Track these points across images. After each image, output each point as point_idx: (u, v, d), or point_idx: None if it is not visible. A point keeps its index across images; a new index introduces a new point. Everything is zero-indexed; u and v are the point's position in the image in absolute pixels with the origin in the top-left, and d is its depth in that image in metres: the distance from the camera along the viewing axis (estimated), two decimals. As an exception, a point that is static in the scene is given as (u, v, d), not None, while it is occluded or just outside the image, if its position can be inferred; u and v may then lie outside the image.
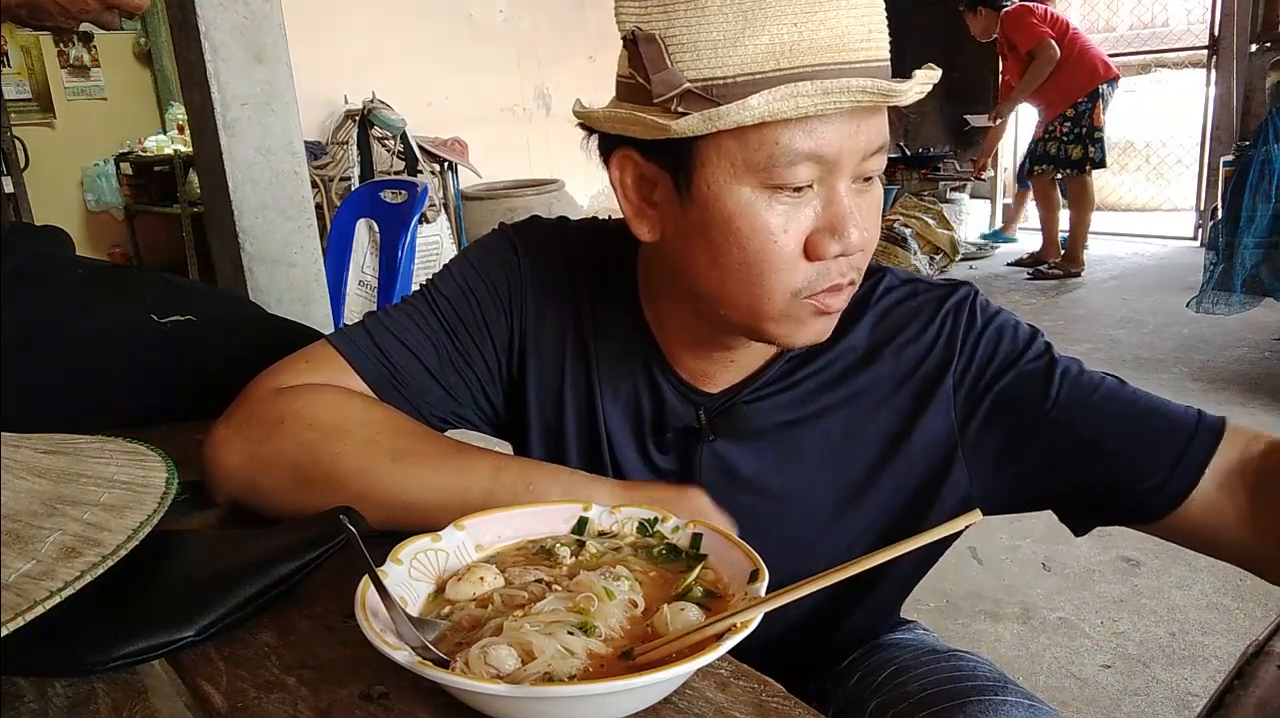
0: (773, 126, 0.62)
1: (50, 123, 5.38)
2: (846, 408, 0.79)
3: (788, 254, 0.66)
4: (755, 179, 0.64)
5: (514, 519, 0.66)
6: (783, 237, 0.65)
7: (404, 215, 2.39)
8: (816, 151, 0.63)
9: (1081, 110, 4.98)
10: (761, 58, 0.60)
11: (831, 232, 0.65)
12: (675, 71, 0.62)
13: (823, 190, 0.65)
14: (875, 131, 0.65)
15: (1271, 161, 3.27)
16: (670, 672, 0.46)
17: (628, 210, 0.73)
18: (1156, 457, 0.72)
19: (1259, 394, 3.30)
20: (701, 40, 0.61)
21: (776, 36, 0.60)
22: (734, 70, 0.61)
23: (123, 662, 0.55)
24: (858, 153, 0.64)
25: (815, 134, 0.62)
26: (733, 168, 0.64)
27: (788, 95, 0.59)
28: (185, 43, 2.03)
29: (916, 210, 5.61)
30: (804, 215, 0.66)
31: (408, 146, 4.27)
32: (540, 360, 0.83)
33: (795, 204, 0.65)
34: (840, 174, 0.65)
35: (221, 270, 2.23)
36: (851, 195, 0.66)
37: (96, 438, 0.70)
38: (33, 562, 0.53)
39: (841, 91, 0.59)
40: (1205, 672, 1.85)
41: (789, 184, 0.64)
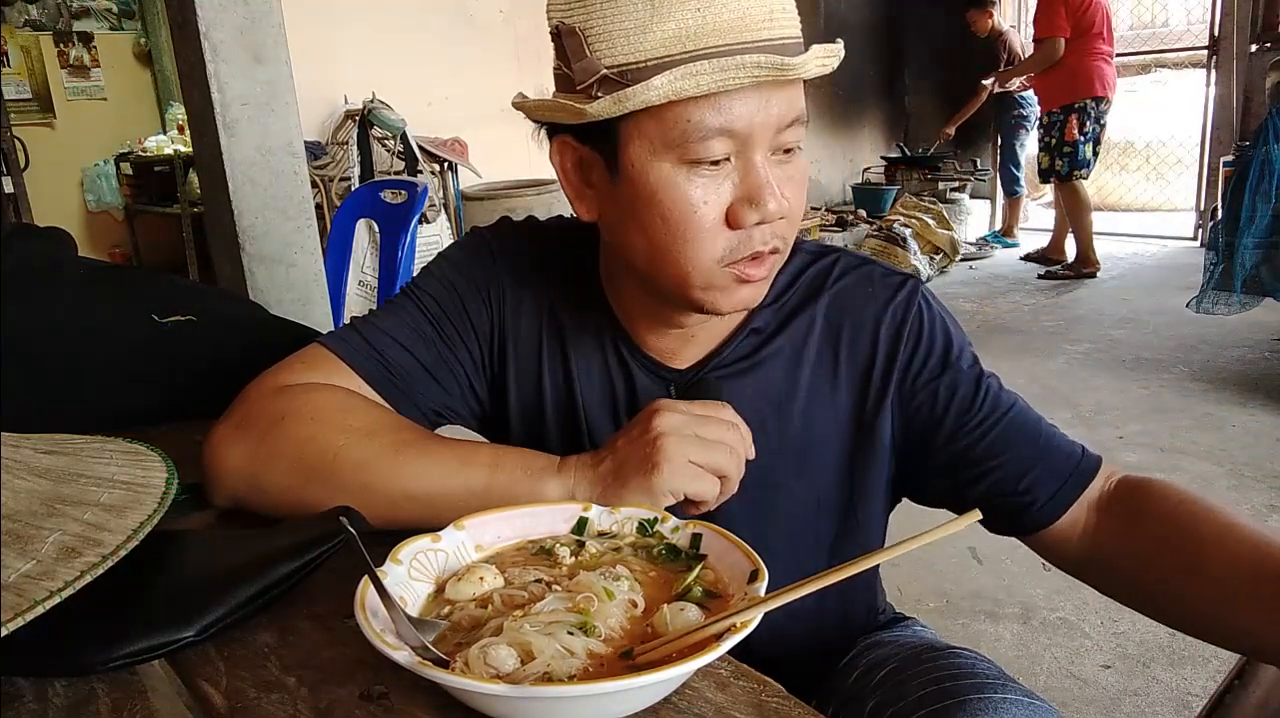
0: (684, 105, 0.66)
1: (50, 123, 5.38)
2: (807, 384, 0.83)
3: (708, 224, 0.70)
4: (673, 155, 0.68)
5: (514, 519, 0.66)
6: (703, 207, 0.69)
7: (404, 215, 2.39)
8: (726, 126, 0.67)
9: (1054, 120, 5.02)
10: (669, 42, 0.65)
11: (749, 201, 0.69)
12: (594, 60, 0.67)
13: (740, 163, 0.69)
14: (786, 105, 0.68)
15: (1271, 161, 3.27)
16: (670, 672, 0.46)
17: (569, 192, 0.78)
18: (1044, 479, 0.80)
19: (1259, 394, 3.30)
20: (615, 30, 0.66)
21: (681, 22, 0.64)
22: (644, 55, 0.65)
23: (123, 662, 0.55)
24: (769, 126, 0.68)
25: (723, 110, 0.66)
26: (652, 146, 0.69)
27: (688, 74, 0.64)
28: (185, 43, 2.03)
29: (916, 211, 5.61)
30: (723, 187, 0.70)
31: (408, 146, 4.26)
32: (518, 351, 0.86)
33: (714, 177, 0.69)
34: (755, 147, 0.69)
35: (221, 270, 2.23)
36: (770, 167, 0.70)
37: (96, 438, 0.70)
38: (33, 562, 0.53)
39: (737, 68, 0.64)
40: (1205, 672, 1.85)
41: (704, 158, 0.68)
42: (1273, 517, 2.46)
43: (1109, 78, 4.99)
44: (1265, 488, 2.62)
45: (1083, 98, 4.91)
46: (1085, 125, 4.93)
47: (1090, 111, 4.95)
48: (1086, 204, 5.18)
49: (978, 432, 0.80)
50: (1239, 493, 2.60)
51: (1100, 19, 4.91)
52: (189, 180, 4.79)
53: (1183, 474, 2.72)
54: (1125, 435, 3.04)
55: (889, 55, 6.97)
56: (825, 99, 6.54)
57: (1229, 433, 2.99)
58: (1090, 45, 4.90)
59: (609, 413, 0.85)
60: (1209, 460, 2.80)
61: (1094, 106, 4.95)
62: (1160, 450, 2.90)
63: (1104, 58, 4.97)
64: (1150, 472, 2.79)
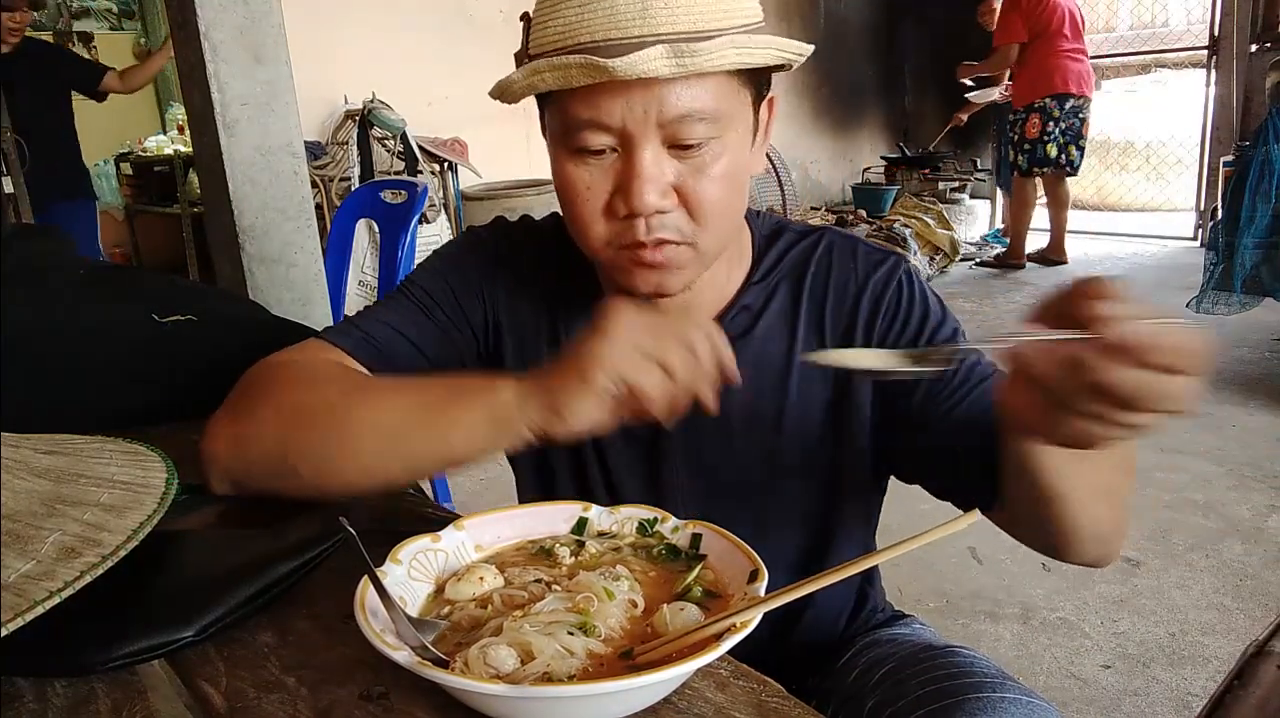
0: (563, 98, 0.70)
1: (50, 123, 5.36)
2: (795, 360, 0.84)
3: (591, 210, 0.73)
4: (562, 143, 0.73)
5: (514, 519, 0.66)
6: (585, 192, 0.73)
7: (404, 215, 2.38)
8: (598, 120, 0.69)
9: (1017, 118, 5.19)
10: (557, 37, 0.68)
11: (621, 192, 0.71)
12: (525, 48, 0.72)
13: (623, 155, 0.71)
14: (671, 102, 0.68)
15: (1271, 162, 3.27)
16: (670, 672, 0.46)
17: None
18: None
19: (1259, 394, 3.30)
20: (539, 22, 0.70)
21: (567, 18, 0.68)
22: (541, 48, 0.70)
23: (123, 662, 0.55)
24: (645, 121, 0.69)
25: (594, 105, 0.68)
26: (552, 134, 0.74)
27: (531, 71, 0.67)
28: (185, 43, 2.03)
29: (916, 210, 5.61)
30: (606, 177, 0.72)
31: (408, 147, 4.26)
32: (516, 344, 0.87)
33: (598, 165, 0.72)
34: (635, 141, 0.69)
35: (221, 270, 2.23)
36: (659, 161, 0.70)
37: (96, 438, 0.70)
38: (33, 562, 0.53)
39: (564, 67, 0.66)
40: (1205, 672, 1.85)
41: (585, 148, 0.71)
42: (1273, 517, 2.46)
43: (1075, 73, 5.04)
44: (1265, 488, 2.62)
45: (1042, 96, 5.05)
46: (1048, 124, 5.05)
47: (1053, 111, 5.04)
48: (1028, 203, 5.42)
49: (949, 402, 0.78)
50: (1239, 493, 2.60)
51: (1060, 18, 5.01)
52: (189, 180, 4.79)
53: (1183, 474, 2.72)
54: (1125, 435, 3.04)
55: (889, 55, 6.97)
56: (825, 99, 6.53)
57: (1229, 433, 2.98)
58: (1052, 45, 5.01)
59: None
60: (1209, 460, 2.80)
61: (1057, 105, 5.03)
62: (1160, 450, 2.90)
63: (1068, 55, 5.04)
64: (1150, 472, 2.80)
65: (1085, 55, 5.15)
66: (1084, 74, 5.09)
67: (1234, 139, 5.11)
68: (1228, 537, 2.37)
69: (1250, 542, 2.34)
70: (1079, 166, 5.28)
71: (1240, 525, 2.43)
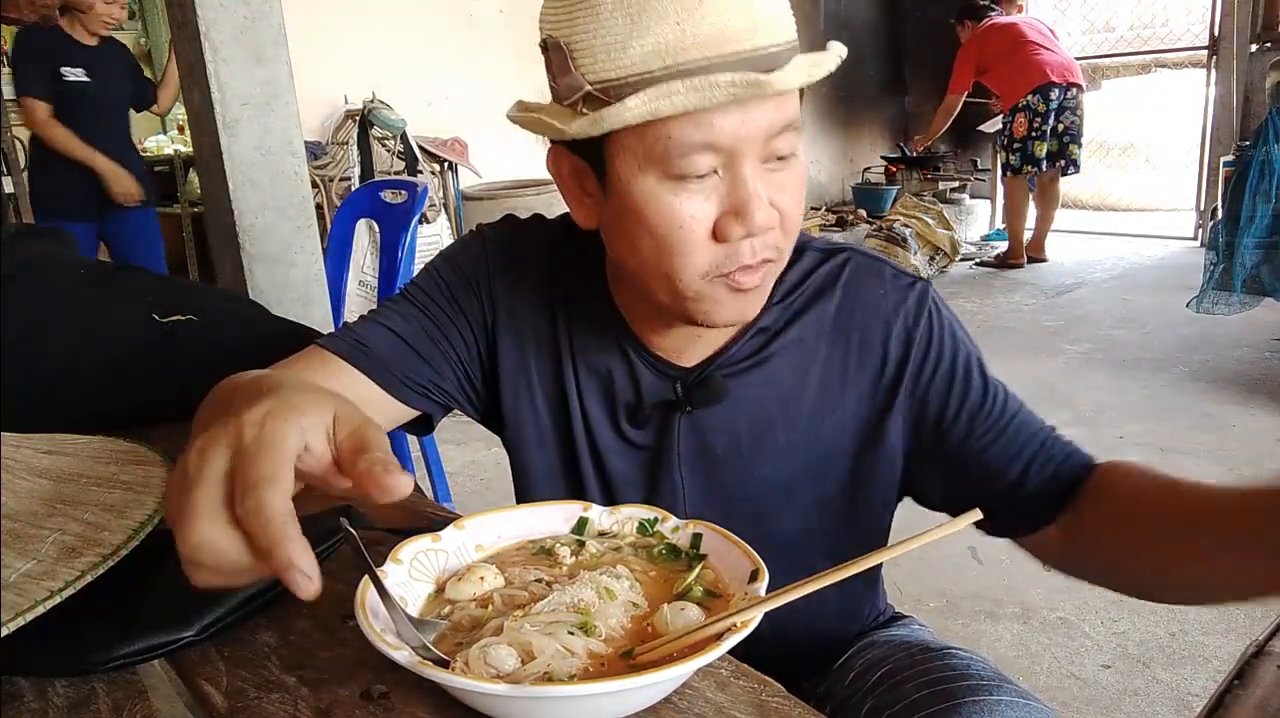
0: (664, 122, 0.64)
1: (50, 123, 5.36)
2: (815, 384, 0.83)
3: (695, 238, 0.69)
4: (658, 170, 0.67)
5: (514, 519, 0.66)
6: (689, 222, 0.68)
7: (404, 215, 2.38)
8: (709, 141, 0.65)
9: (1006, 121, 5.30)
10: (648, 58, 0.63)
11: (736, 215, 0.68)
12: (577, 75, 0.66)
13: (727, 175, 0.68)
14: (774, 115, 0.66)
15: (1271, 162, 3.27)
16: (670, 672, 0.46)
17: (567, 199, 0.78)
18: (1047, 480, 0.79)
19: (1259, 394, 3.30)
20: (597, 45, 0.64)
21: (661, 36, 0.63)
22: (625, 71, 0.64)
23: (123, 662, 0.55)
24: (756, 138, 0.66)
25: (705, 126, 0.65)
26: (636, 161, 0.68)
27: (662, 95, 0.62)
28: (185, 43, 2.03)
29: (916, 210, 5.61)
30: (710, 201, 0.68)
31: (408, 146, 4.26)
32: (515, 343, 0.86)
33: (700, 190, 0.68)
34: (742, 159, 0.67)
35: (221, 270, 2.23)
36: (760, 177, 0.68)
37: (96, 438, 0.70)
38: (33, 562, 0.53)
39: (711, 87, 0.62)
40: (1205, 672, 1.85)
41: (689, 173, 0.67)
42: (1273, 517, 2.46)
43: (1051, 64, 5.12)
44: (1265, 488, 2.62)
45: (1024, 93, 5.13)
46: (1034, 120, 5.13)
47: (1037, 106, 5.11)
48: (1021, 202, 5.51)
49: (988, 437, 0.80)
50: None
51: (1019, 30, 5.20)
52: (189, 180, 4.79)
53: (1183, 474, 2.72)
54: (1125, 435, 3.04)
55: (889, 55, 6.97)
56: (825, 99, 6.54)
57: (1229, 433, 2.99)
58: (1022, 53, 5.15)
59: (607, 409, 0.85)
60: (1209, 460, 2.80)
61: (1041, 99, 5.10)
62: (1160, 450, 2.90)
63: (1039, 49, 5.16)
64: (1150, 472, 2.79)
65: (1058, 48, 5.29)
66: (1062, 63, 5.18)
67: (1234, 139, 5.12)
68: (1228, 537, 2.37)
69: (1250, 542, 2.34)
70: (1079, 164, 5.29)
71: (1240, 525, 2.42)
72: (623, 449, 0.85)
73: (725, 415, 0.82)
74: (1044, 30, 5.36)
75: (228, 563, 0.45)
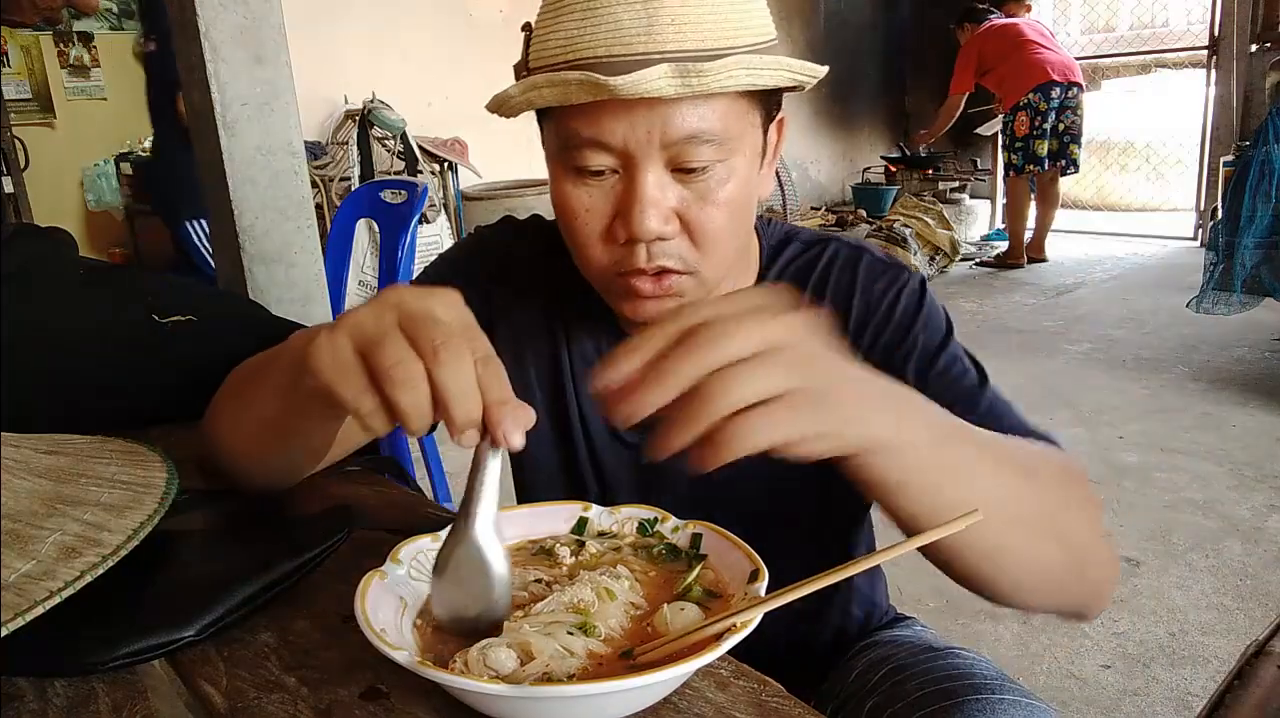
0: (564, 115, 0.67)
1: (50, 123, 5.37)
2: None
3: (590, 232, 0.71)
4: (561, 160, 0.70)
5: (514, 519, 0.66)
6: (584, 214, 0.70)
7: (404, 215, 2.38)
8: (599, 139, 0.66)
9: (1008, 120, 5.33)
10: (558, 50, 0.66)
11: (621, 217, 0.69)
12: (524, 59, 0.70)
13: (624, 177, 0.68)
14: (677, 122, 0.65)
15: (1271, 161, 3.27)
16: (670, 672, 0.46)
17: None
18: None
19: (1259, 394, 3.30)
20: (537, 34, 0.68)
21: (568, 32, 0.65)
22: (543, 61, 0.67)
23: (123, 662, 0.55)
24: (648, 142, 0.65)
25: (595, 123, 0.66)
26: (551, 149, 0.71)
27: (529, 86, 0.65)
28: (185, 43, 2.03)
29: (916, 211, 5.61)
30: (606, 199, 0.69)
31: (408, 146, 4.26)
32: (512, 344, 0.86)
33: (598, 187, 0.69)
34: (639, 162, 0.66)
35: (221, 270, 2.23)
36: (661, 184, 0.67)
37: (96, 438, 0.70)
38: (33, 562, 0.53)
39: (563, 83, 0.63)
40: (1205, 672, 1.85)
41: (585, 167, 0.68)
42: (1273, 517, 2.46)
43: (1052, 62, 5.15)
44: (1265, 488, 2.62)
45: (1025, 92, 5.16)
46: (1035, 119, 5.15)
47: (1039, 104, 5.13)
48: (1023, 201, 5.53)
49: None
50: (1239, 493, 2.60)
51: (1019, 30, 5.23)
52: (189, 180, 4.78)
53: (1183, 474, 2.72)
54: (1125, 435, 3.04)
55: (889, 55, 6.96)
56: (825, 99, 6.53)
57: (1229, 433, 2.98)
58: (1023, 52, 5.18)
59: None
60: (1209, 460, 2.80)
61: (1042, 97, 5.12)
62: (1160, 450, 2.90)
63: (1039, 49, 5.18)
64: (1150, 472, 2.80)
65: (1057, 47, 5.32)
66: (1062, 62, 5.21)
67: (1234, 139, 5.13)
68: (1228, 537, 2.37)
69: (1250, 542, 2.34)
70: (1079, 164, 5.31)
71: (1240, 526, 2.42)
72: (617, 447, 0.85)
73: None
74: (1044, 31, 5.38)
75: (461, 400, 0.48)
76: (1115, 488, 2.66)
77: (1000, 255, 5.77)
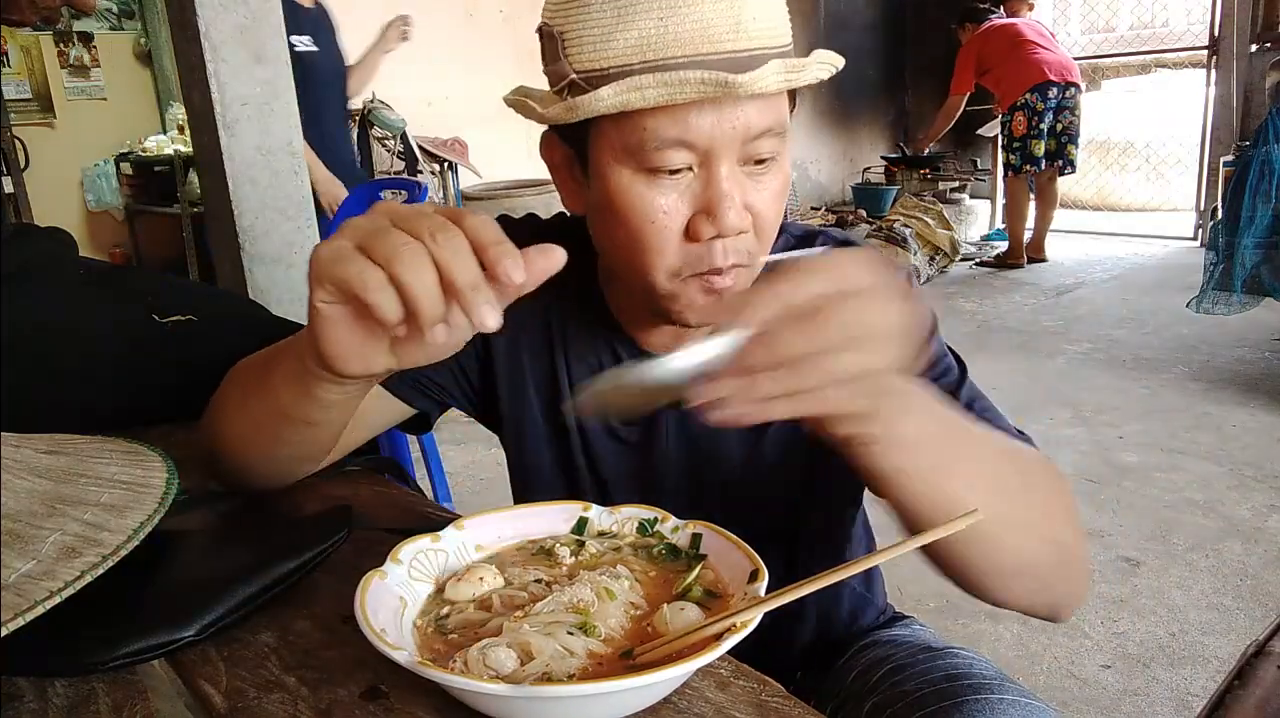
0: (641, 115, 0.65)
1: (50, 123, 5.37)
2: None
3: (666, 235, 0.68)
4: (633, 162, 0.67)
5: (514, 519, 0.66)
6: (661, 217, 0.68)
7: (404, 215, 2.38)
8: (683, 138, 0.65)
9: (1004, 120, 5.34)
10: (630, 51, 0.64)
11: (707, 214, 0.67)
12: (565, 63, 0.67)
13: (702, 174, 0.67)
14: (755, 117, 0.66)
15: (1271, 162, 3.27)
16: (670, 672, 0.46)
17: (558, 185, 0.78)
18: None
19: (1259, 394, 3.30)
20: (585, 35, 0.65)
21: (643, 31, 0.63)
22: (607, 63, 0.65)
23: (123, 662, 0.55)
24: (733, 139, 0.66)
25: (680, 122, 0.64)
26: (613, 151, 0.68)
27: (633, 87, 0.63)
28: (185, 43, 2.03)
29: (916, 211, 5.61)
30: (684, 198, 0.68)
31: (408, 146, 4.27)
32: (509, 343, 0.85)
33: (674, 186, 0.67)
34: (718, 159, 0.66)
35: (221, 270, 2.23)
36: (736, 179, 0.67)
37: (96, 438, 0.70)
38: (33, 562, 0.53)
39: (681, 83, 0.62)
40: (1205, 672, 1.85)
41: (662, 167, 0.66)
42: (1273, 517, 2.46)
43: (1050, 62, 5.16)
44: (1265, 488, 2.62)
45: (1022, 92, 5.16)
46: (1033, 119, 5.16)
47: (1036, 104, 5.14)
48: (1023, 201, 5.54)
49: None
50: (1239, 493, 2.60)
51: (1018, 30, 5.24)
52: (189, 180, 4.79)
53: (1183, 474, 2.72)
54: (1125, 435, 3.04)
55: (889, 55, 6.96)
56: (825, 99, 6.53)
57: (1229, 433, 2.99)
58: (1021, 52, 5.18)
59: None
60: (1209, 460, 2.80)
61: (1039, 97, 5.13)
62: (1160, 450, 2.90)
63: (1037, 49, 5.19)
64: (1150, 472, 2.80)
65: (1056, 47, 5.32)
66: (1060, 62, 5.21)
67: (1234, 139, 5.13)
68: (1228, 537, 2.37)
69: (1250, 542, 2.34)
70: (1075, 164, 5.33)
71: (1240, 526, 2.43)
72: (614, 446, 0.85)
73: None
74: (1043, 31, 5.39)
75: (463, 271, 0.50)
76: (1115, 488, 2.67)
77: (1000, 255, 5.77)
